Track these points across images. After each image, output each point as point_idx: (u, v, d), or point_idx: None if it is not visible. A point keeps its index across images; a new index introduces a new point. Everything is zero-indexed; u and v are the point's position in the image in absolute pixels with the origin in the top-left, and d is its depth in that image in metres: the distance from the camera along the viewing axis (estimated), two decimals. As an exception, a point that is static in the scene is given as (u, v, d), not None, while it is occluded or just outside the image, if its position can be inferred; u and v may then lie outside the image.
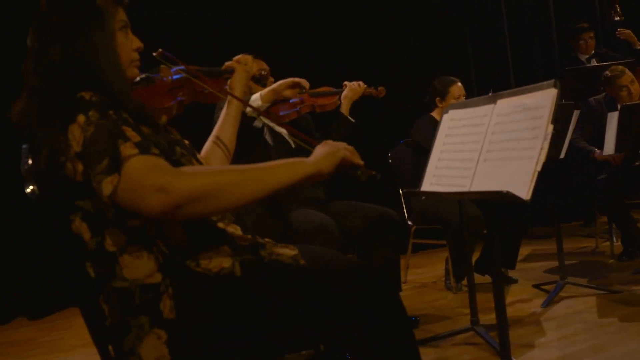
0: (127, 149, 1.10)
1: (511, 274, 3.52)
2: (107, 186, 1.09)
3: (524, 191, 1.52)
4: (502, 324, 1.82)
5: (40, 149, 1.18)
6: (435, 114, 3.46)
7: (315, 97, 2.67)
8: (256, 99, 2.30)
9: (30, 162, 1.24)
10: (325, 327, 1.27)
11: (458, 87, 3.43)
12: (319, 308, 1.26)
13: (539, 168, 1.52)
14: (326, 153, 1.27)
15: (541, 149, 1.54)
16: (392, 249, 2.67)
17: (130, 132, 1.14)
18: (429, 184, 1.96)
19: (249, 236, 1.38)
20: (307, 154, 1.29)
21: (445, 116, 2.01)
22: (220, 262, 1.25)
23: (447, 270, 3.55)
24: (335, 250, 1.52)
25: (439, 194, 1.93)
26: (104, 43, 1.26)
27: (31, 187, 1.17)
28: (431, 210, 3.28)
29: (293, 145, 2.63)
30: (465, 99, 3.49)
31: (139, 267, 1.19)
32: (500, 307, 1.83)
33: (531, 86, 1.67)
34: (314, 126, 2.93)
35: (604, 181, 3.65)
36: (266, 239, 1.41)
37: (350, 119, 2.79)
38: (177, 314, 1.18)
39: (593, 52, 4.89)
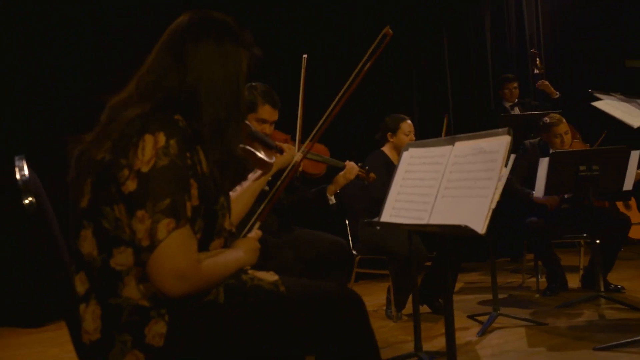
0: (189, 209, 1.20)
1: (447, 305, 3.70)
2: (162, 229, 1.16)
3: (480, 226, 1.68)
4: (451, 348, 1.96)
5: (106, 140, 1.22)
6: (386, 149, 3.67)
7: (307, 158, 2.66)
8: None
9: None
10: (303, 351, 1.37)
11: (408, 124, 3.68)
12: (298, 334, 1.34)
13: (493, 206, 1.69)
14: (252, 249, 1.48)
15: (495, 188, 1.71)
16: (342, 277, 2.78)
17: (194, 190, 1.22)
18: (388, 216, 2.09)
19: None
20: None
21: (405, 153, 2.17)
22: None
23: (388, 299, 3.69)
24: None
25: (398, 226, 2.07)
26: (239, 88, 1.32)
27: (30, 198, 1.20)
28: (378, 241, 3.43)
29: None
30: (414, 135, 3.74)
31: (138, 288, 1.23)
32: (450, 333, 1.97)
33: (487, 132, 1.86)
34: None
35: (534, 222, 3.94)
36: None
37: (332, 200, 2.89)
38: (166, 342, 1.22)
39: (517, 100, 5.35)
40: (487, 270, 4.79)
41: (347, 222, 3.81)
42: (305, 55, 2.65)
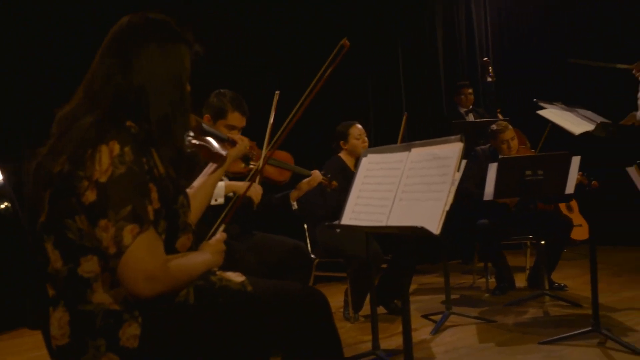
0: (151, 213, 1.23)
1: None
2: (127, 235, 1.19)
3: (435, 227, 1.79)
4: (408, 347, 2.06)
5: (61, 153, 1.23)
6: (342, 155, 3.78)
7: (272, 164, 2.77)
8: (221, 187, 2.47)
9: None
10: (271, 349, 1.44)
11: (357, 128, 3.81)
12: (266, 332, 1.40)
13: (447, 208, 1.81)
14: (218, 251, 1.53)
15: (449, 192, 1.83)
16: (302, 280, 2.85)
17: (154, 194, 1.25)
18: (348, 219, 2.18)
19: None
20: None
21: (364, 159, 2.27)
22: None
23: (346, 301, 3.78)
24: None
25: (358, 228, 2.16)
26: (183, 85, 1.36)
27: (6, 203, 1.22)
28: (337, 245, 3.52)
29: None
30: (367, 137, 3.87)
31: (109, 293, 1.26)
32: (407, 331, 2.07)
33: (441, 139, 1.98)
34: None
35: (484, 225, 4.12)
36: None
37: (294, 206, 2.99)
38: (140, 343, 1.26)
39: (471, 106, 5.57)
40: (440, 272, 4.99)
41: (305, 227, 3.89)
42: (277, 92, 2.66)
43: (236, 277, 1.48)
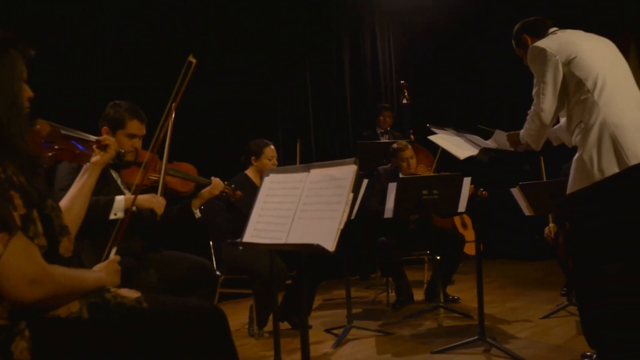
0: (17, 218, 1.22)
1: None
2: None
3: (330, 244, 1.89)
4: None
5: None
6: (249, 172, 3.84)
7: (173, 175, 2.77)
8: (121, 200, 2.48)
9: None
10: None
11: (271, 149, 3.88)
12: (162, 349, 1.43)
13: (341, 226, 1.92)
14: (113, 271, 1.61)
15: (343, 211, 1.94)
16: (207, 297, 2.86)
17: (17, 200, 1.24)
18: (250, 236, 2.24)
19: None
20: None
21: (266, 178, 2.34)
22: (69, 307, 1.36)
23: (251, 317, 3.81)
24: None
25: (258, 245, 2.22)
26: (14, 88, 1.33)
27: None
28: (241, 262, 3.56)
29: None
30: (277, 160, 3.95)
31: None
32: (305, 346, 2.15)
33: (338, 161, 2.09)
34: None
35: (384, 242, 4.32)
36: None
37: (197, 214, 2.99)
38: (33, 357, 1.26)
39: (388, 128, 5.84)
40: (344, 287, 5.13)
41: (211, 243, 3.90)
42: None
43: (131, 293, 1.50)
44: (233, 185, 3.17)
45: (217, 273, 3.77)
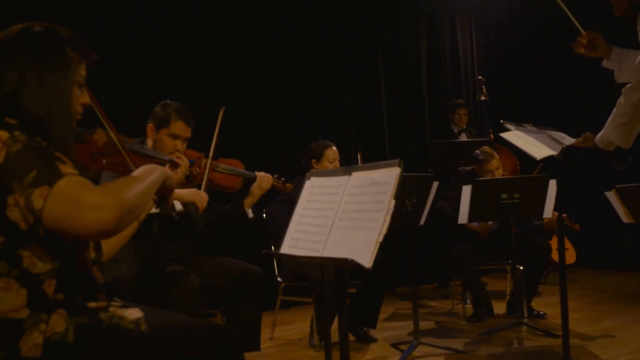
0: (67, 168, 1.15)
1: (372, 332, 3.67)
2: (37, 199, 1.11)
3: (367, 260, 1.64)
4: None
5: None
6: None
7: (218, 171, 2.70)
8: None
9: None
10: None
11: (333, 151, 3.65)
12: None
13: (381, 239, 1.66)
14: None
15: (384, 221, 1.69)
16: (254, 305, 2.71)
17: (64, 158, 1.18)
18: (287, 247, 2.04)
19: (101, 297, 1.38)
20: None
21: (307, 182, 2.14)
22: (53, 327, 1.23)
23: (312, 328, 3.63)
24: (184, 312, 1.56)
25: (295, 257, 2.02)
26: (63, 91, 1.28)
27: None
28: (300, 269, 3.38)
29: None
30: (341, 163, 3.72)
31: (6, 299, 1.18)
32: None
33: (381, 163, 1.84)
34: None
35: (460, 248, 3.97)
36: (116, 300, 1.41)
37: (250, 213, 2.86)
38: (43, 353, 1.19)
39: (465, 127, 5.44)
40: (426, 296, 4.83)
41: (272, 248, 3.75)
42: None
43: (133, 313, 1.35)
44: (283, 179, 2.99)
45: (279, 280, 3.64)
